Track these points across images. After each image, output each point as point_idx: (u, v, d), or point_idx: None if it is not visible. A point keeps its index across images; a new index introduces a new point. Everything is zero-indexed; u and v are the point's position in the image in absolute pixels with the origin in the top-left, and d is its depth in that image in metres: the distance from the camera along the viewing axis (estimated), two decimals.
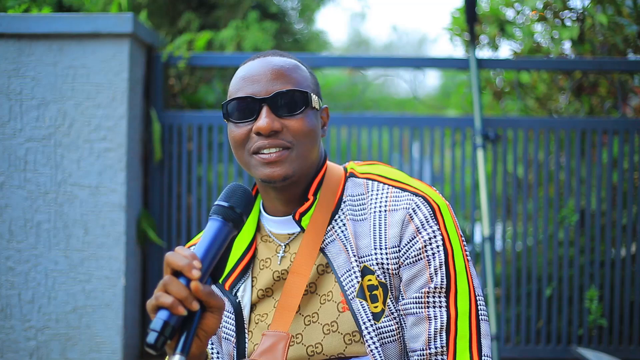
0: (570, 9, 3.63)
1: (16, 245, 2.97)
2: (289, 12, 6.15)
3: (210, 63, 3.50)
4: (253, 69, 1.34)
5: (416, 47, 22.21)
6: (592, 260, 3.33)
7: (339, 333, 1.29)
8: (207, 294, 1.06)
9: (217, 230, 1.12)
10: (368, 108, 5.01)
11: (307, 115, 1.32)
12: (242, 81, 1.33)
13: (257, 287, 1.38)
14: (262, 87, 1.30)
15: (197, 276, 1.05)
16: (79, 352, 2.96)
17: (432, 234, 1.28)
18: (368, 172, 1.41)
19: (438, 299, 1.26)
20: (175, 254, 1.07)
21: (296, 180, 1.34)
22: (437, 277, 1.26)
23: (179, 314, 1.03)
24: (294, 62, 1.37)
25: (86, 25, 2.99)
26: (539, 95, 3.86)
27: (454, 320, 1.25)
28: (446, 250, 1.27)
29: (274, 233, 1.40)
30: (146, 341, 1.01)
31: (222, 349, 1.42)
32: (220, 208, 1.14)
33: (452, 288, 1.26)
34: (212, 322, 1.09)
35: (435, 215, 1.29)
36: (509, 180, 3.47)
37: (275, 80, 1.31)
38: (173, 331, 1.03)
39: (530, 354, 3.32)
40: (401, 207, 1.30)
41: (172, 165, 3.39)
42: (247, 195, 1.17)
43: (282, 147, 1.29)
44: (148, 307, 1.06)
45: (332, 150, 3.51)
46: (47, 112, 3.00)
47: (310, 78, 1.38)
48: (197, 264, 1.06)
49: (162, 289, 1.05)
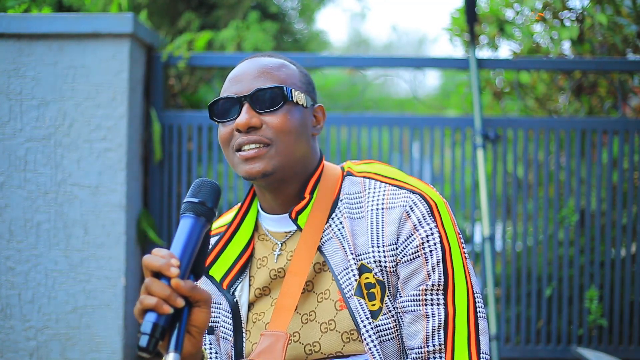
0: (569, 9, 3.64)
1: (16, 245, 2.97)
2: (289, 12, 6.15)
3: (210, 63, 3.50)
4: (239, 70, 1.36)
5: (416, 47, 22.21)
6: (592, 260, 3.33)
7: (337, 331, 1.29)
8: (189, 289, 1.07)
9: (191, 227, 1.13)
10: (368, 108, 5.00)
11: (290, 111, 1.32)
12: (227, 83, 1.36)
13: (254, 286, 1.39)
14: (244, 85, 1.32)
15: (176, 274, 1.06)
16: (79, 352, 2.96)
17: (430, 232, 1.28)
18: (365, 170, 1.41)
19: (436, 297, 1.26)
20: (152, 256, 1.09)
21: (284, 179, 1.34)
22: (434, 275, 1.26)
23: (166, 313, 1.04)
24: (280, 61, 1.37)
25: (86, 25, 2.99)
26: (538, 95, 3.86)
27: (452, 317, 1.25)
28: (443, 247, 1.28)
29: (271, 231, 1.41)
30: (138, 345, 1.02)
31: (220, 349, 1.42)
32: (190, 205, 1.15)
33: (449, 286, 1.26)
34: (201, 316, 1.10)
35: (432, 213, 1.29)
36: (509, 180, 3.47)
37: (257, 78, 1.32)
38: (163, 331, 1.04)
39: (530, 354, 3.32)
40: (398, 205, 1.30)
41: (172, 165, 3.39)
42: (214, 188, 1.18)
43: (261, 144, 1.30)
44: (135, 313, 1.07)
45: (332, 150, 3.51)
46: (47, 112, 3.00)
47: (297, 76, 1.37)
48: (174, 262, 1.07)
49: (145, 292, 1.06)
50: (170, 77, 3.57)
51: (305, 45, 6.07)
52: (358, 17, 19.93)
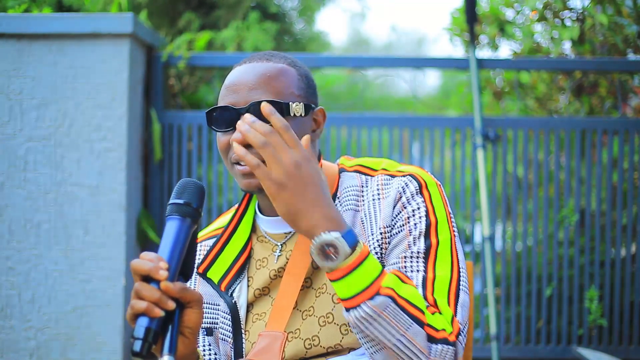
0: (570, 9, 3.64)
1: (16, 245, 2.97)
2: (289, 12, 6.15)
3: (210, 63, 3.50)
4: (236, 76, 1.34)
5: (416, 47, 22.22)
6: (592, 260, 3.33)
7: (335, 324, 1.30)
8: (179, 291, 1.08)
9: (178, 229, 1.13)
10: (368, 108, 5.01)
11: None
12: (224, 89, 1.34)
13: (253, 286, 1.39)
14: (241, 96, 1.31)
15: (165, 276, 1.06)
16: (79, 352, 2.96)
17: (417, 206, 1.29)
18: (356, 164, 1.43)
19: (415, 264, 1.25)
20: (140, 260, 1.09)
21: None
22: (415, 245, 1.26)
23: (157, 316, 1.04)
24: (279, 67, 1.34)
25: (86, 25, 2.99)
26: (538, 95, 3.86)
27: (431, 280, 1.23)
28: (429, 220, 1.28)
29: (270, 233, 1.41)
30: (132, 350, 1.02)
31: (219, 350, 1.43)
32: (175, 206, 1.14)
33: (431, 255, 1.26)
34: (194, 316, 1.11)
35: (421, 190, 1.31)
36: (509, 180, 3.46)
37: (254, 89, 1.31)
38: (156, 335, 1.04)
39: (530, 354, 3.32)
40: (393, 190, 1.32)
41: (172, 165, 3.39)
42: (198, 188, 1.17)
43: None
44: (127, 318, 1.07)
45: (332, 150, 3.52)
46: (47, 112, 3.00)
47: (296, 82, 1.35)
48: (163, 264, 1.08)
49: (135, 297, 1.06)
50: (170, 77, 3.57)
51: (305, 46, 6.07)
52: (358, 17, 19.93)
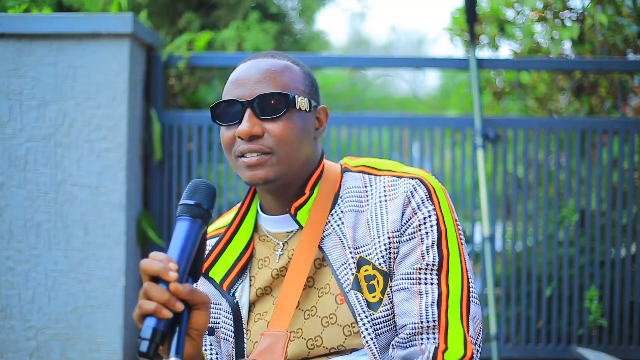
0: (570, 9, 3.64)
1: (16, 245, 2.97)
2: (289, 12, 6.15)
3: (210, 63, 3.50)
4: (241, 72, 1.35)
5: (416, 47, 22.21)
6: (592, 260, 3.33)
7: (338, 325, 1.30)
8: (188, 293, 1.07)
9: (188, 230, 1.12)
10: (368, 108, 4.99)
11: (292, 118, 1.31)
12: (229, 84, 1.35)
13: (255, 286, 1.39)
14: (246, 90, 1.31)
15: (174, 277, 1.06)
16: (79, 352, 2.96)
17: (427, 214, 1.29)
18: (361, 164, 1.42)
19: (430, 276, 1.26)
20: (150, 260, 1.08)
21: (285, 182, 1.34)
22: (429, 255, 1.27)
23: (165, 318, 1.04)
24: (284, 64, 1.36)
25: (86, 25, 2.99)
26: (539, 95, 3.86)
27: (445, 297, 1.25)
28: (440, 230, 1.29)
29: (272, 232, 1.41)
30: (138, 350, 1.02)
31: (221, 350, 1.43)
32: (186, 207, 1.14)
33: (444, 267, 1.27)
34: (201, 318, 1.10)
35: (430, 196, 1.31)
36: (509, 180, 3.46)
37: (260, 82, 1.31)
38: (163, 336, 1.04)
39: (530, 354, 3.32)
40: (400, 192, 1.32)
41: (172, 165, 3.39)
42: (210, 189, 1.17)
43: (263, 152, 1.30)
44: (134, 318, 1.06)
45: (332, 150, 3.51)
46: (47, 112, 3.00)
47: (301, 79, 1.37)
48: (172, 265, 1.07)
49: (144, 297, 1.06)
50: (170, 77, 3.57)
51: (305, 46, 6.07)
52: (358, 17, 19.93)
